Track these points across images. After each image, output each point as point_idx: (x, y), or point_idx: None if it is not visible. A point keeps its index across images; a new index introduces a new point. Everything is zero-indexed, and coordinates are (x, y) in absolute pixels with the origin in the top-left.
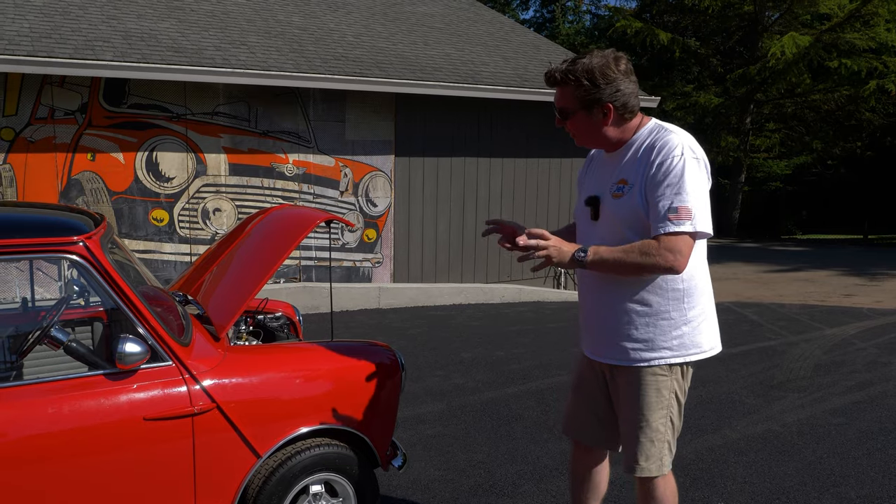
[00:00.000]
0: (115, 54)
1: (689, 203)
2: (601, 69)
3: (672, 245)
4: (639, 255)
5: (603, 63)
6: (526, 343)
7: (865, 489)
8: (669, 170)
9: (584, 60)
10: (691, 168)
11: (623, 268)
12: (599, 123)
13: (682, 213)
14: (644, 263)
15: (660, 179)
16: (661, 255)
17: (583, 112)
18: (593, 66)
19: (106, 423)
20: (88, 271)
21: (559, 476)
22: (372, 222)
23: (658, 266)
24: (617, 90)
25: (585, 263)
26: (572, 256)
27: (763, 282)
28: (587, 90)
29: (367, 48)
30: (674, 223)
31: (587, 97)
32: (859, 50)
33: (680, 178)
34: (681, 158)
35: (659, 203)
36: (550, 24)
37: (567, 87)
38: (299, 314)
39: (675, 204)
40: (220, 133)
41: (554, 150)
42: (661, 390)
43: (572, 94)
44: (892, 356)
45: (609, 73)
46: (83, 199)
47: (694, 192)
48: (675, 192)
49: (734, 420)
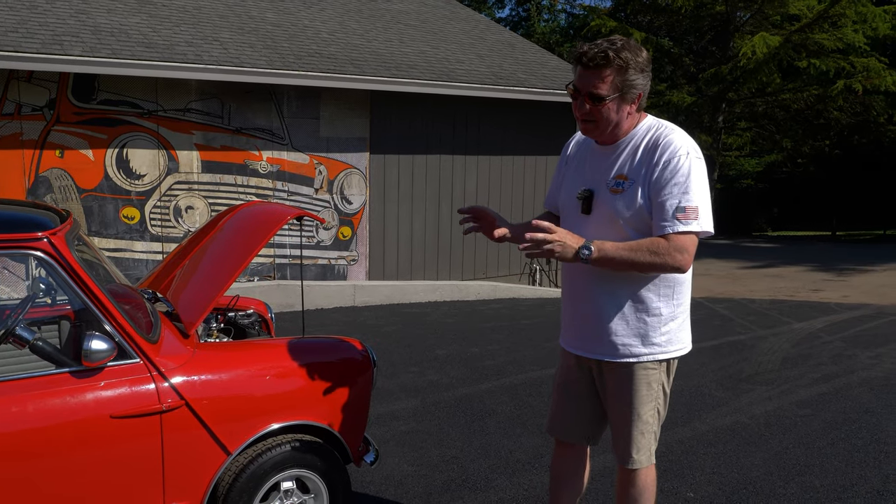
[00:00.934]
0: (83, 49)
1: (696, 202)
2: (640, 53)
3: (681, 244)
4: (648, 253)
5: (638, 49)
6: (500, 339)
7: (829, 478)
8: (676, 169)
9: (622, 43)
10: (697, 168)
11: (630, 266)
12: (625, 112)
13: (689, 212)
14: (654, 262)
15: (667, 178)
16: (671, 254)
17: (618, 98)
18: (635, 50)
19: (72, 422)
20: (53, 268)
21: (532, 470)
22: (347, 220)
23: (667, 265)
24: (648, 79)
25: (589, 261)
26: (576, 253)
27: (734, 278)
28: (630, 74)
29: (341, 45)
30: (682, 222)
31: (627, 82)
32: (827, 50)
33: (687, 178)
34: (687, 158)
35: (667, 202)
36: (526, 23)
37: (607, 70)
38: (271, 311)
39: (682, 203)
40: (192, 130)
41: (529, 148)
42: (651, 384)
43: (612, 79)
44: (857, 349)
45: (644, 62)
46: (52, 197)
47: (700, 191)
48: (682, 192)
49: (704, 413)
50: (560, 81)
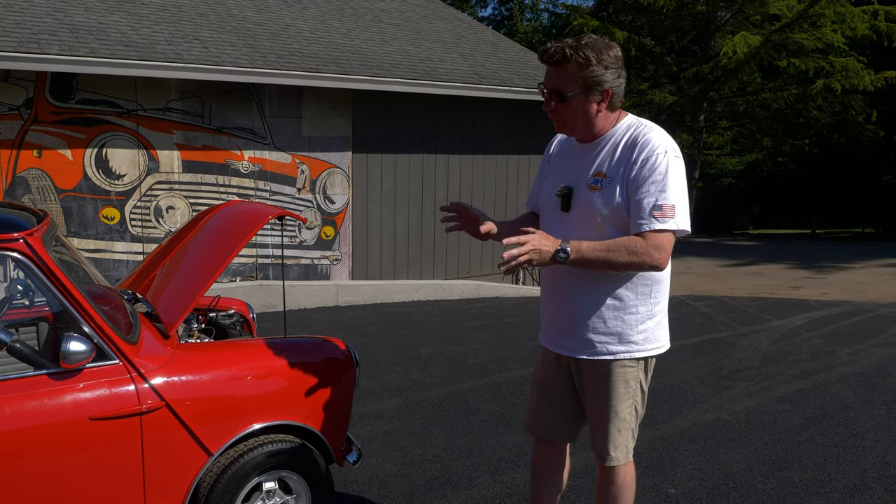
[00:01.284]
0: (61, 48)
1: (673, 201)
2: (607, 51)
3: (658, 242)
4: (626, 252)
5: (605, 46)
6: (484, 338)
7: (808, 473)
8: (654, 167)
9: (587, 41)
10: (674, 166)
11: (608, 265)
12: (594, 109)
13: (666, 210)
14: (631, 261)
15: (644, 176)
16: (648, 252)
17: (582, 95)
18: (599, 46)
19: (50, 424)
20: (30, 269)
21: (515, 468)
22: (330, 219)
23: (644, 264)
24: (618, 76)
25: (567, 263)
26: (552, 256)
27: (716, 275)
28: (593, 72)
29: (323, 44)
30: (659, 220)
31: (590, 78)
32: (807, 50)
33: (664, 176)
34: (665, 156)
35: (644, 200)
36: (508, 22)
37: (568, 67)
38: (253, 312)
39: (659, 202)
40: (172, 129)
41: (512, 147)
42: (629, 381)
43: (574, 75)
44: (836, 346)
45: (611, 57)
46: (30, 198)
47: (677, 190)
48: (659, 190)
49: (685, 409)
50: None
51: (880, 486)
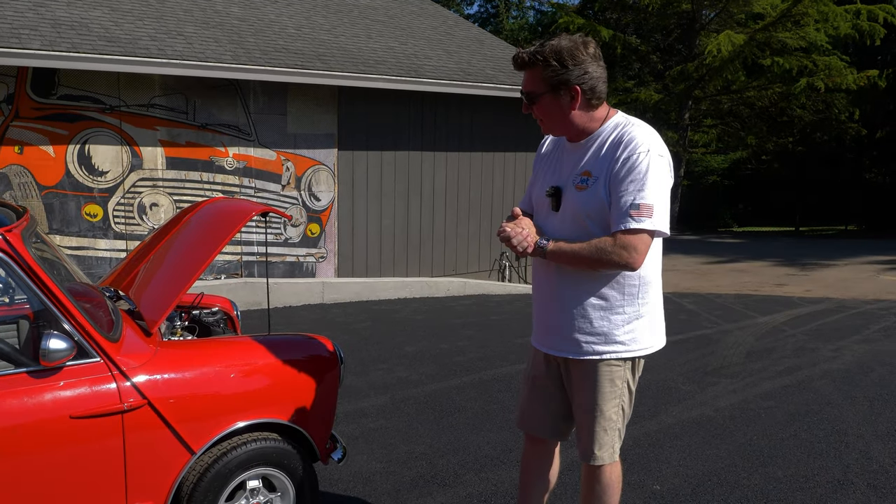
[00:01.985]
0: (42, 43)
1: (651, 201)
2: (569, 50)
3: (628, 242)
4: (596, 250)
5: (571, 45)
6: (470, 335)
7: (791, 468)
8: (634, 166)
9: (552, 42)
10: (656, 166)
11: (580, 261)
12: (567, 107)
13: (643, 210)
14: (601, 259)
15: (624, 175)
16: (617, 252)
17: (550, 95)
18: (562, 47)
19: (30, 422)
20: (9, 266)
21: (500, 465)
22: (315, 217)
23: (614, 263)
24: (585, 73)
25: (545, 252)
26: (535, 245)
27: (701, 273)
28: (555, 71)
29: (308, 40)
30: (634, 220)
31: (554, 78)
32: (791, 49)
33: (644, 175)
34: (647, 155)
35: (621, 199)
36: (494, 20)
37: (535, 69)
38: (237, 309)
39: (636, 201)
40: (156, 126)
41: (498, 145)
42: (615, 380)
43: (540, 76)
44: (819, 342)
45: (578, 55)
46: (11, 194)
47: (656, 190)
48: (637, 189)
49: (670, 406)
50: None
51: (863, 481)
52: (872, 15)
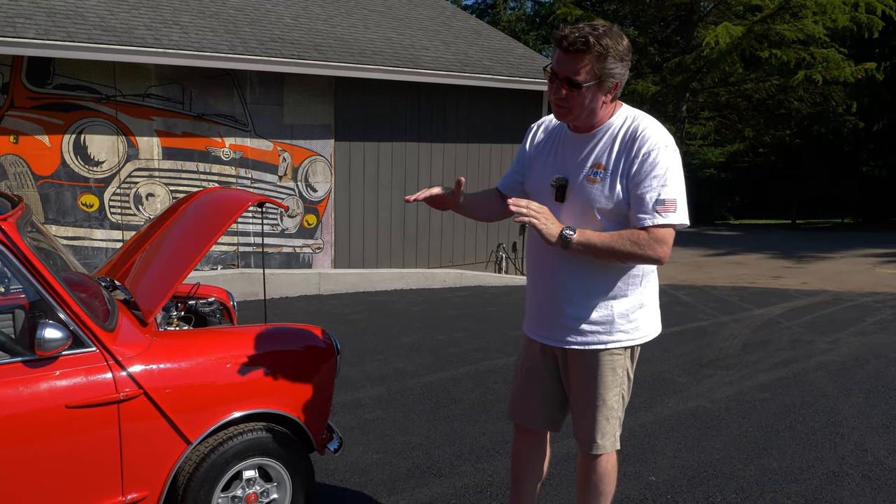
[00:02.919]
0: (38, 32)
1: (675, 195)
2: (625, 45)
3: (660, 237)
4: (630, 244)
5: (619, 37)
6: (466, 327)
7: (787, 460)
8: (655, 162)
9: (604, 30)
10: (674, 161)
11: (611, 254)
12: (599, 100)
13: (668, 205)
14: (635, 252)
15: (646, 171)
16: (651, 246)
17: (595, 86)
18: (616, 38)
19: (25, 412)
20: (5, 255)
21: (496, 456)
22: (312, 207)
23: (647, 257)
24: (627, 69)
25: (570, 242)
26: (560, 233)
27: (697, 265)
28: (609, 63)
29: (305, 30)
30: (662, 215)
31: (606, 70)
32: (788, 41)
33: (666, 171)
34: (665, 151)
35: (646, 195)
36: (492, 11)
37: (586, 56)
38: (233, 299)
39: (662, 196)
40: (152, 116)
41: (495, 136)
42: (616, 369)
43: (591, 65)
44: (815, 334)
45: (627, 53)
46: (6, 184)
47: (677, 184)
48: (661, 185)
49: (666, 397)
50: (526, 69)
51: (858, 472)
52: (871, 7)
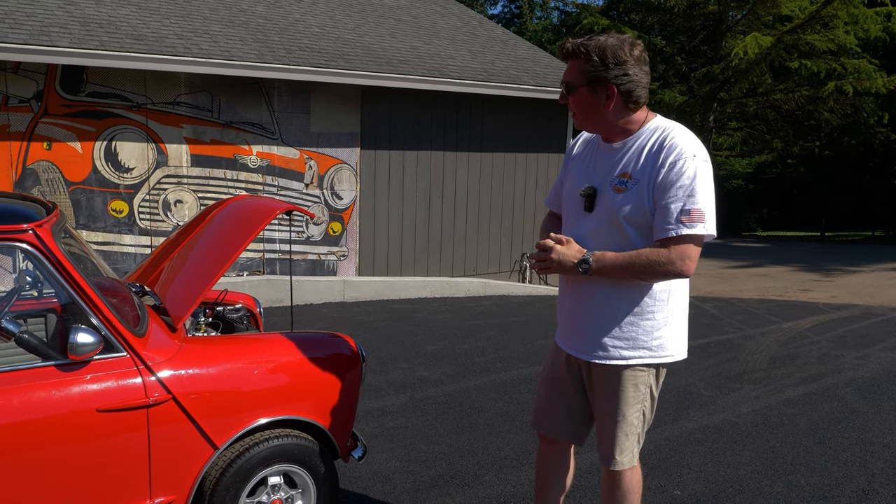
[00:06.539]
0: (72, 41)
1: (702, 206)
2: (613, 49)
3: (683, 250)
4: (648, 263)
5: (617, 44)
6: (490, 336)
7: (815, 477)
8: (682, 171)
9: (599, 37)
10: (703, 171)
11: (631, 275)
12: (601, 105)
13: (694, 215)
14: (655, 271)
15: (672, 181)
16: (672, 262)
17: (586, 89)
18: (606, 44)
19: (57, 415)
20: (39, 260)
21: (520, 466)
22: (337, 215)
23: (669, 272)
24: (625, 74)
25: (590, 273)
26: (575, 266)
27: (724, 277)
28: (594, 66)
29: (332, 39)
30: (686, 226)
31: (592, 73)
32: (819, 51)
33: (693, 181)
34: (694, 160)
35: (672, 205)
36: (518, 20)
37: (577, 61)
38: (260, 306)
39: (687, 206)
40: (181, 123)
41: (520, 146)
42: (639, 385)
43: (580, 69)
44: (844, 349)
45: (620, 55)
46: (39, 190)
47: (705, 195)
48: (687, 195)
49: (692, 411)
50: (552, 79)
51: (888, 491)
52: None
